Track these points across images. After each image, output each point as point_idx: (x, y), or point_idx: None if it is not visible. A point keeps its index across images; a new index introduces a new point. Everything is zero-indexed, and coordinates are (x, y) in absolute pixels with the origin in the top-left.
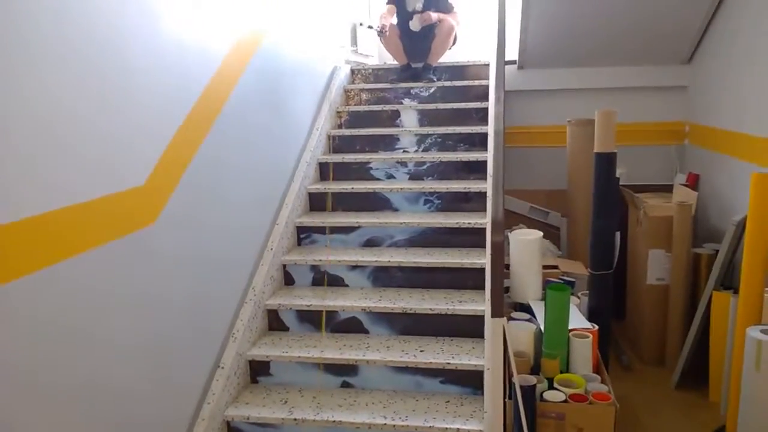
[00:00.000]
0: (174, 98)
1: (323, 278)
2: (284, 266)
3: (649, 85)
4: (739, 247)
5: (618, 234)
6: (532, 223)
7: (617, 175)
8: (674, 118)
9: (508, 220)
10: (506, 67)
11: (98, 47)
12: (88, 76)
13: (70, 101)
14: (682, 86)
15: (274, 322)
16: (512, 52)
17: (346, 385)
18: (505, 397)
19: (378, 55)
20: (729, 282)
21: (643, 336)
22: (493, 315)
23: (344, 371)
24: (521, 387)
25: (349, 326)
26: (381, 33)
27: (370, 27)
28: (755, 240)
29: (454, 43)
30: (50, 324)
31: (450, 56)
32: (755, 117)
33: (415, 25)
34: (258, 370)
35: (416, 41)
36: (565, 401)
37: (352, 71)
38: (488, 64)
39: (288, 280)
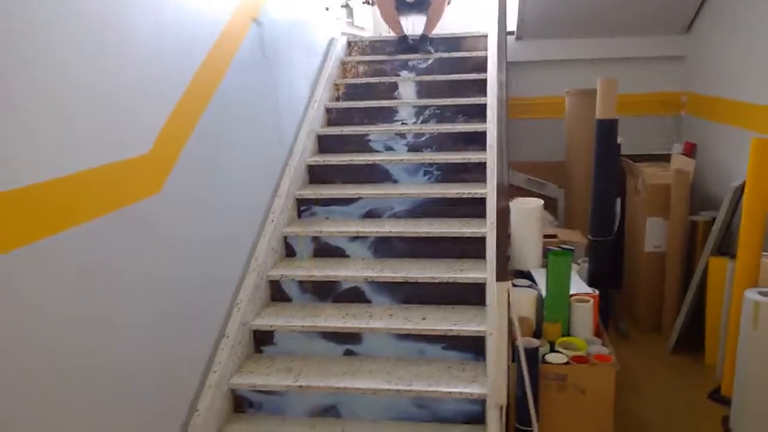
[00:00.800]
0: (175, 66)
1: (324, 249)
2: (285, 238)
3: (647, 55)
4: (737, 213)
5: (618, 200)
6: (529, 195)
7: (618, 143)
8: (672, 89)
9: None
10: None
11: (96, 6)
12: (86, 39)
13: (69, 64)
14: (680, 56)
15: (277, 293)
16: (510, 23)
17: (349, 353)
18: (508, 361)
19: (373, 26)
20: (725, 248)
21: (640, 303)
22: (498, 279)
23: (347, 340)
24: (525, 349)
25: (351, 296)
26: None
27: (365, 2)
28: (754, 204)
29: (448, 3)
30: (53, 293)
31: (447, 28)
32: (754, 85)
33: None
34: (262, 339)
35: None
36: (567, 363)
37: (349, 43)
38: (486, 36)
39: (289, 251)
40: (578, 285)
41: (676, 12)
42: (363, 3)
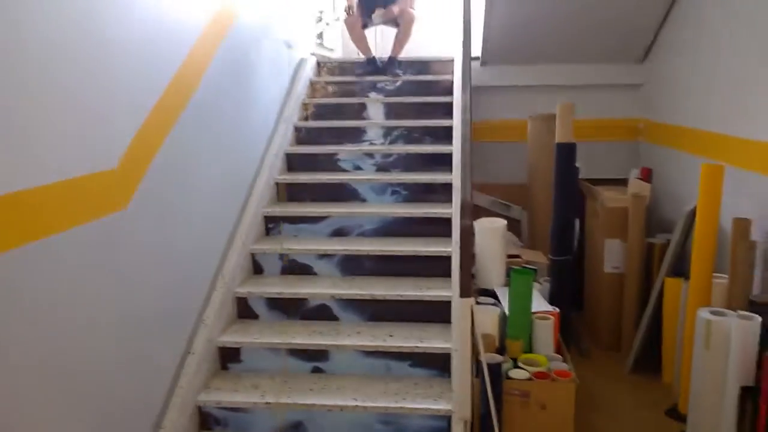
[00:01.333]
0: (145, 82)
1: (292, 267)
2: (253, 255)
3: (606, 82)
4: (690, 236)
5: (577, 221)
6: (495, 217)
7: (577, 166)
8: (630, 115)
9: (472, 213)
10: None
11: (74, 22)
12: (54, 48)
13: (37, 75)
14: (637, 84)
15: (244, 310)
16: (475, 49)
17: (317, 370)
18: (472, 377)
19: (342, 48)
20: (680, 269)
21: (600, 323)
22: (462, 295)
23: (315, 357)
24: (488, 365)
25: (319, 313)
26: (348, 11)
27: (337, 19)
28: (705, 226)
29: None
30: (19, 304)
31: (414, 51)
32: (703, 113)
33: (377, 17)
34: (228, 356)
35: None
36: (530, 379)
37: (318, 64)
38: (452, 60)
39: (257, 269)
40: (540, 303)
41: (632, 42)
42: (345, 12)
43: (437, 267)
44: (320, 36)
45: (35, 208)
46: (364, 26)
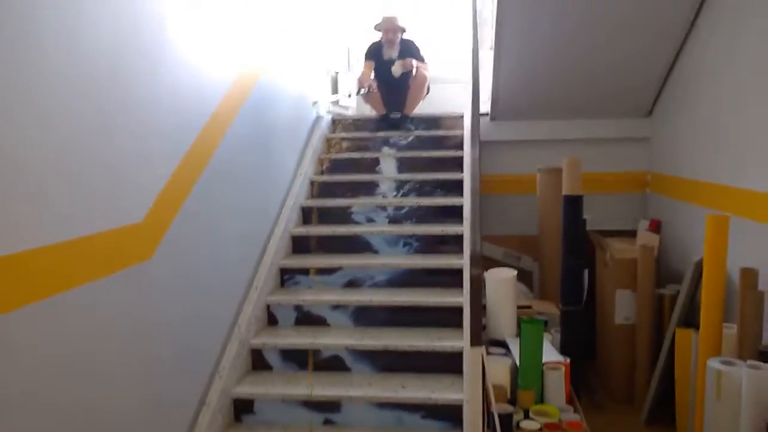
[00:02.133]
0: (173, 139)
1: (306, 318)
2: (268, 306)
3: (613, 136)
4: (699, 286)
5: (586, 271)
6: (505, 267)
7: (584, 218)
8: (638, 168)
9: (484, 265)
10: (480, 118)
11: (101, 82)
12: (87, 106)
13: (72, 133)
14: (644, 138)
15: (258, 361)
16: (485, 105)
17: (328, 422)
18: (483, 428)
19: (356, 106)
20: (691, 320)
21: (613, 374)
22: (473, 344)
23: (327, 408)
24: (499, 415)
25: (332, 364)
26: (367, 92)
27: (358, 93)
28: (712, 277)
29: (427, 92)
30: (44, 353)
31: (427, 108)
32: (709, 166)
33: (396, 69)
34: (242, 408)
35: (393, 91)
36: (540, 430)
37: (333, 121)
38: (462, 116)
39: (271, 319)
40: (550, 353)
41: (638, 97)
42: (364, 95)
43: (449, 317)
44: (335, 91)
45: (64, 260)
46: (379, 89)
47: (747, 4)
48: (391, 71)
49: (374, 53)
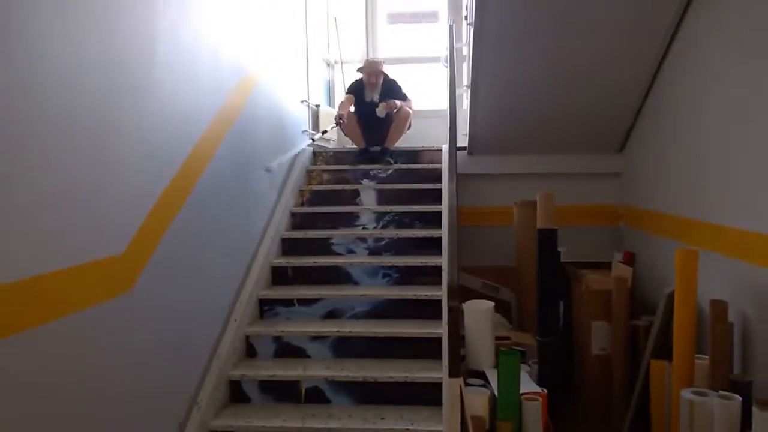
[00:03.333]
0: (155, 170)
1: (286, 349)
2: (247, 337)
3: (586, 171)
4: (672, 318)
5: (561, 303)
6: (485, 299)
7: (559, 250)
8: (611, 201)
9: (463, 296)
10: (458, 152)
11: (85, 118)
12: (72, 146)
13: (54, 171)
14: (616, 173)
15: (237, 394)
16: (463, 140)
17: None
18: None
19: (338, 138)
20: (666, 350)
21: (590, 404)
22: (451, 375)
23: None
24: None
25: (311, 396)
26: (339, 123)
27: (334, 127)
28: (683, 310)
29: (408, 127)
30: (30, 382)
31: (406, 142)
32: (678, 200)
33: (381, 111)
34: None
35: (373, 127)
36: None
37: (314, 153)
38: (440, 150)
39: (250, 351)
40: (528, 384)
41: (609, 135)
42: (332, 127)
43: (428, 348)
44: (316, 127)
45: (46, 292)
46: (358, 123)
47: (712, 46)
48: (375, 112)
49: (356, 90)
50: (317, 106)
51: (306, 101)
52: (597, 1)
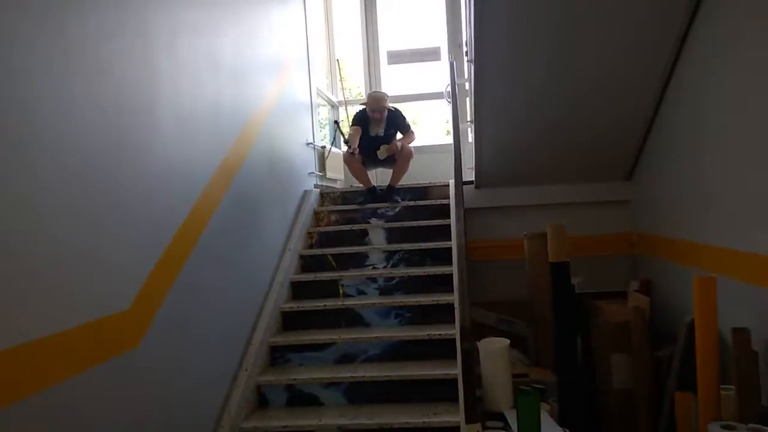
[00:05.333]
0: (160, 224)
1: (298, 397)
2: (258, 387)
3: (596, 200)
4: (693, 347)
5: (579, 338)
6: (501, 334)
7: (573, 283)
8: (623, 229)
9: (478, 331)
10: (465, 187)
11: (89, 172)
12: (78, 200)
13: (60, 229)
14: (626, 200)
15: None
16: (470, 174)
17: None
18: None
19: (344, 177)
20: (690, 381)
21: None
22: (467, 421)
23: None
24: None
25: None
26: (349, 151)
27: (345, 142)
28: (704, 339)
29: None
30: None
31: (413, 178)
32: (692, 226)
33: (382, 154)
34: None
35: (375, 161)
36: None
37: (321, 194)
38: (448, 185)
39: (262, 401)
40: (549, 425)
41: (617, 163)
42: (347, 146)
43: (444, 390)
44: (322, 168)
45: (47, 356)
46: (364, 164)
47: (710, 74)
48: (378, 148)
49: (361, 121)
50: (323, 147)
51: (311, 143)
52: (596, 30)
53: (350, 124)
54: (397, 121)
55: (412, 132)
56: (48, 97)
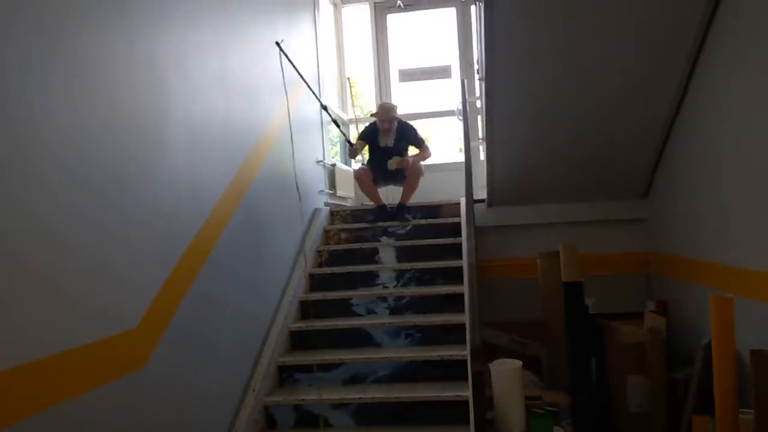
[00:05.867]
0: (170, 242)
1: (307, 418)
2: (266, 407)
3: (611, 218)
4: (711, 370)
5: (593, 358)
6: (513, 355)
7: (587, 303)
8: (639, 249)
9: (490, 352)
10: (477, 205)
11: (100, 187)
12: (87, 217)
13: (69, 246)
14: (642, 219)
15: None
16: (482, 192)
17: None
18: None
19: (354, 196)
20: (707, 404)
21: None
22: None
23: None
24: None
25: None
26: (352, 150)
27: (348, 142)
28: (722, 362)
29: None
30: None
31: (425, 196)
32: (710, 246)
33: (392, 165)
34: None
35: (385, 173)
36: None
37: (331, 212)
38: (459, 203)
39: (270, 422)
40: None
41: (632, 181)
42: (349, 146)
43: (455, 413)
44: (333, 187)
45: (50, 376)
46: (374, 182)
47: (728, 85)
48: (387, 160)
49: (369, 135)
50: (333, 165)
51: (322, 161)
52: (609, 45)
53: (358, 138)
54: (408, 134)
55: (428, 148)
56: (61, 115)
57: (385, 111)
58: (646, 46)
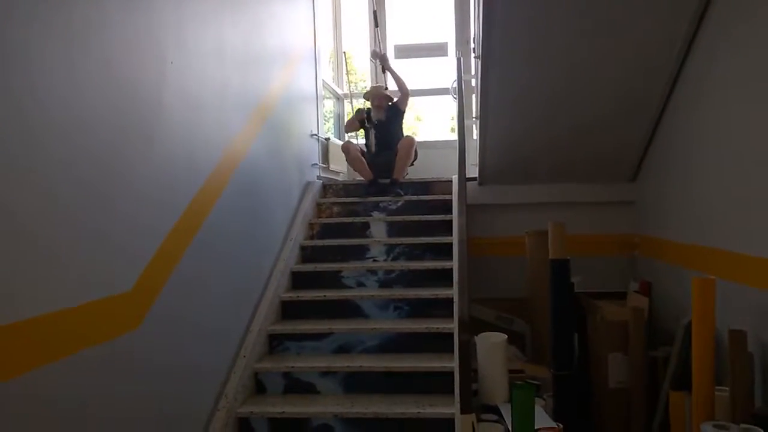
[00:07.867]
0: (165, 208)
1: (295, 385)
2: (256, 374)
3: (599, 200)
4: (690, 348)
5: (576, 336)
6: (499, 331)
7: (573, 282)
8: (626, 231)
9: (476, 327)
10: (468, 183)
11: (96, 151)
12: (83, 181)
13: (65, 207)
14: (629, 201)
15: (245, 431)
16: (473, 170)
17: None
18: None
19: (347, 170)
20: (685, 382)
21: None
22: (462, 411)
23: None
24: None
25: None
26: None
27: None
28: (701, 340)
29: (415, 157)
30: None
31: (417, 173)
32: (693, 229)
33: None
34: None
35: (382, 154)
36: None
37: (324, 186)
38: (451, 181)
39: (260, 387)
40: (543, 419)
41: (621, 164)
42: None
43: (440, 383)
44: (326, 160)
45: (55, 330)
46: (375, 155)
47: (716, 73)
48: (382, 128)
49: (363, 112)
50: (327, 139)
51: (316, 135)
52: (604, 31)
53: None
54: (395, 104)
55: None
56: (59, 84)
57: (375, 89)
58: (641, 30)
